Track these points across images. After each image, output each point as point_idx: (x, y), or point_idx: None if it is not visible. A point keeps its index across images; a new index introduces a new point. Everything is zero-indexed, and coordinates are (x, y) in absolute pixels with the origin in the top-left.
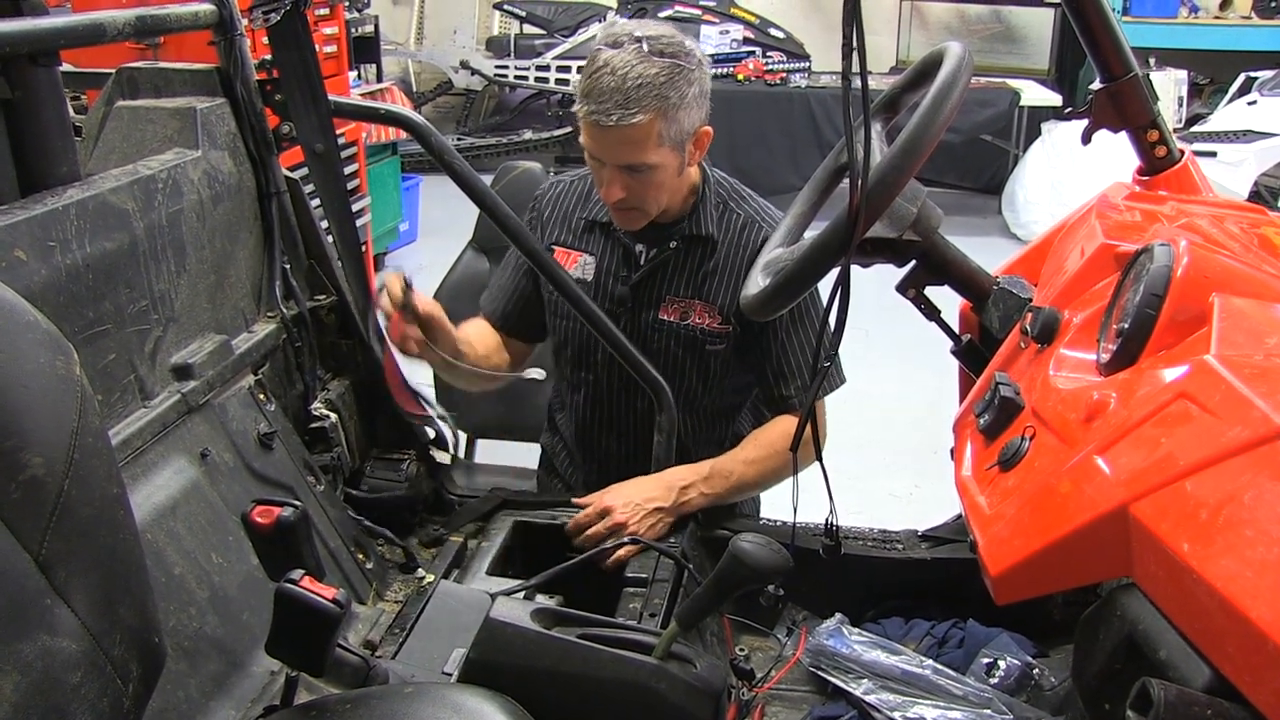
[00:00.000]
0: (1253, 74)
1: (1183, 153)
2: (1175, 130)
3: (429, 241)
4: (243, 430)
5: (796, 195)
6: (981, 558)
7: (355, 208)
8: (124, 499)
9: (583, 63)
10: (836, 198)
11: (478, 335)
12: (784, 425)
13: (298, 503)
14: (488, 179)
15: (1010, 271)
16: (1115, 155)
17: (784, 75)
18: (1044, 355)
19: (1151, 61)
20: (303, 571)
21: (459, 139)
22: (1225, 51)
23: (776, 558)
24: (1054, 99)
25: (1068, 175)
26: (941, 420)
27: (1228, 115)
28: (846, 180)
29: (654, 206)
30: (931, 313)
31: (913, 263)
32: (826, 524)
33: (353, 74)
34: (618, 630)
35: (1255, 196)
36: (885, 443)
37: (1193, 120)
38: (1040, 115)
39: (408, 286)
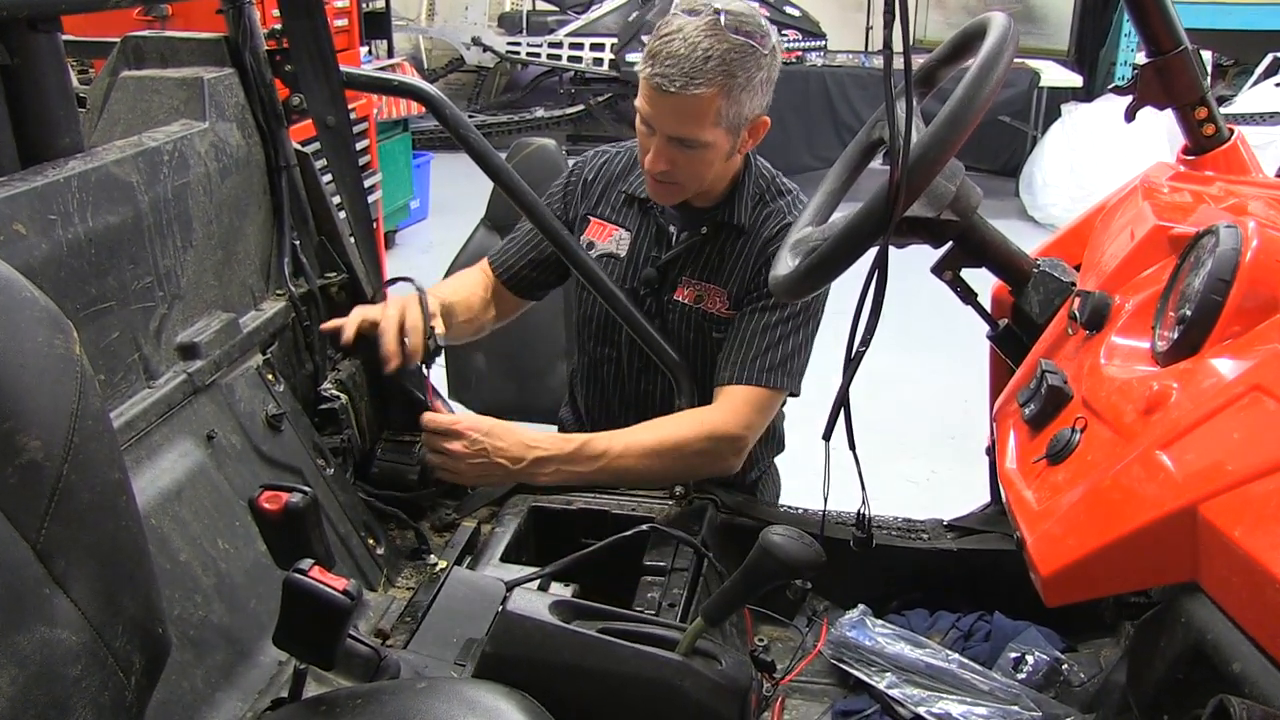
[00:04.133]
0: (1277, 54)
1: (1232, 131)
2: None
3: (440, 219)
4: (250, 412)
5: (826, 172)
6: (1029, 556)
7: (366, 184)
8: (126, 484)
9: (596, 39)
10: (867, 176)
11: (459, 293)
12: (687, 420)
13: (307, 488)
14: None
15: (1047, 254)
16: (1137, 137)
17: (799, 54)
18: (1093, 342)
19: None
20: (312, 561)
21: (470, 116)
22: (1252, 31)
23: (808, 551)
24: (1074, 80)
25: (1087, 158)
26: (956, 405)
27: (1254, 97)
28: (881, 157)
29: (694, 185)
30: (968, 296)
31: (949, 244)
32: (858, 515)
33: (363, 49)
34: (640, 625)
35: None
36: (900, 427)
37: (1218, 102)
38: (1060, 96)
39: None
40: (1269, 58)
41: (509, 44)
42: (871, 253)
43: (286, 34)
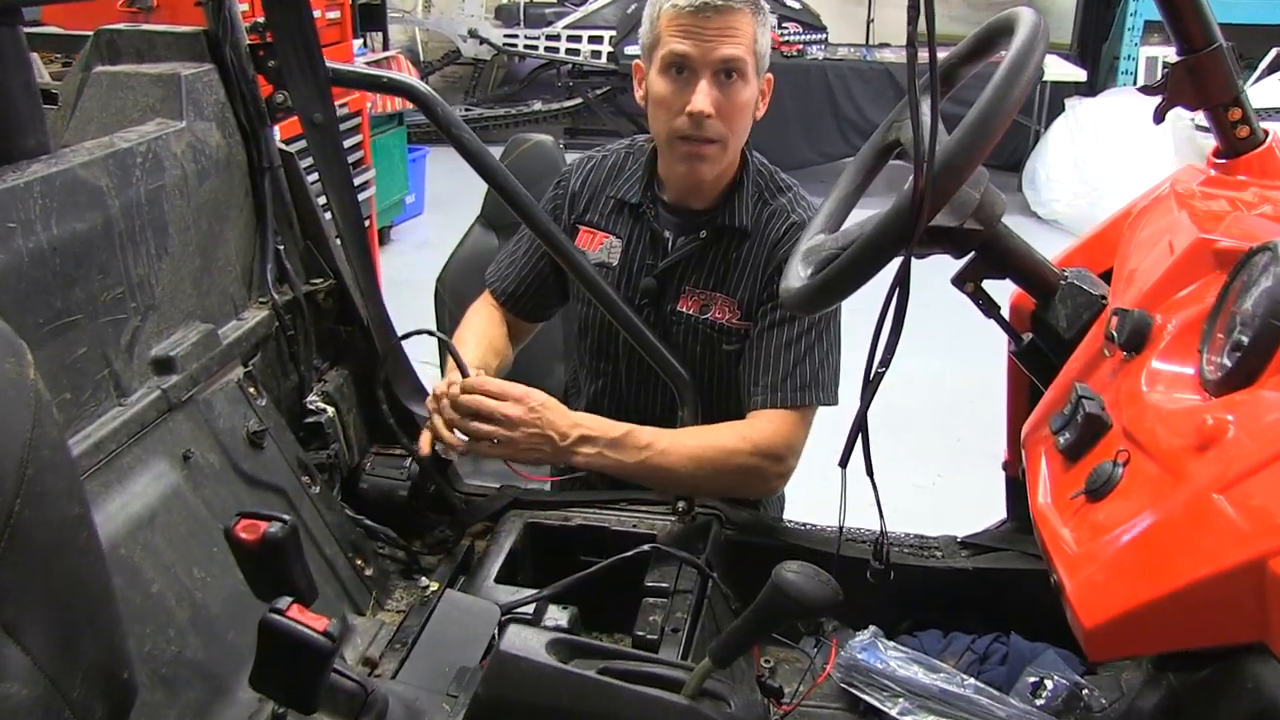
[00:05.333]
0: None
1: (1267, 133)
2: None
3: (436, 215)
4: (230, 428)
5: (826, 167)
6: (1070, 604)
7: (358, 181)
8: (88, 520)
9: (594, 32)
10: (881, 180)
11: (485, 336)
12: (730, 432)
13: (286, 516)
14: (497, 151)
15: (1066, 262)
16: (1141, 132)
17: (800, 47)
18: (1133, 365)
19: None
20: (290, 599)
21: (466, 109)
22: (1256, 25)
23: (825, 590)
24: (1078, 74)
25: (1091, 153)
26: (960, 408)
27: (1259, 92)
28: (897, 159)
29: (734, 142)
30: (991, 309)
31: (971, 254)
32: (876, 545)
33: (358, 42)
34: (643, 664)
35: None
36: (904, 432)
37: None
38: (1063, 91)
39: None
40: (1274, 52)
41: (506, 36)
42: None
43: (270, 27)
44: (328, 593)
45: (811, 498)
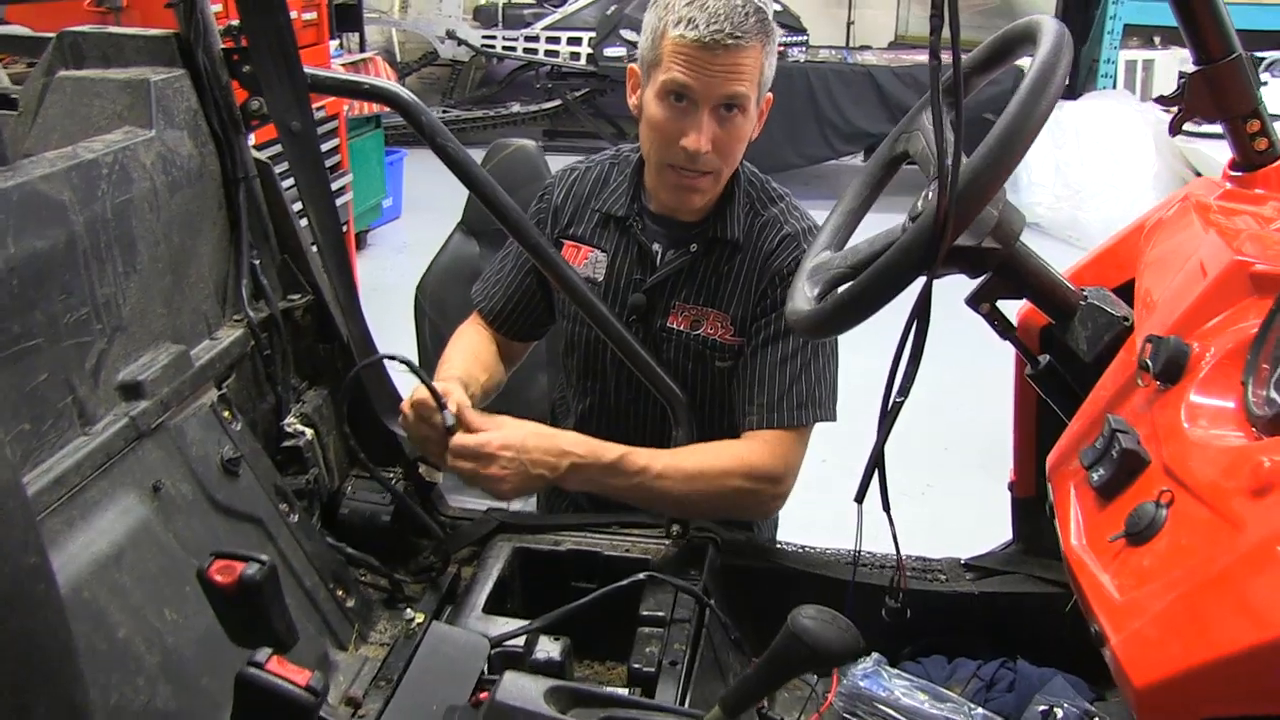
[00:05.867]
0: (1259, 54)
1: None
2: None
3: (413, 218)
4: (204, 456)
5: (808, 170)
6: (1116, 658)
7: (336, 186)
8: (45, 569)
9: (573, 33)
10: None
11: (471, 351)
12: (727, 452)
13: (263, 556)
14: (478, 155)
15: (1077, 278)
16: (1122, 136)
17: (781, 49)
18: (1169, 397)
19: (1157, 40)
20: (269, 650)
21: (444, 111)
22: (1243, 31)
23: (845, 638)
24: None
25: (1073, 156)
26: (948, 415)
27: None
28: (906, 168)
29: (728, 171)
30: (1007, 330)
31: (987, 274)
32: (892, 581)
33: (334, 43)
34: (648, 712)
35: None
36: (892, 440)
37: None
38: None
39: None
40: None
41: (484, 37)
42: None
43: (245, 31)
44: (308, 628)
45: (801, 508)
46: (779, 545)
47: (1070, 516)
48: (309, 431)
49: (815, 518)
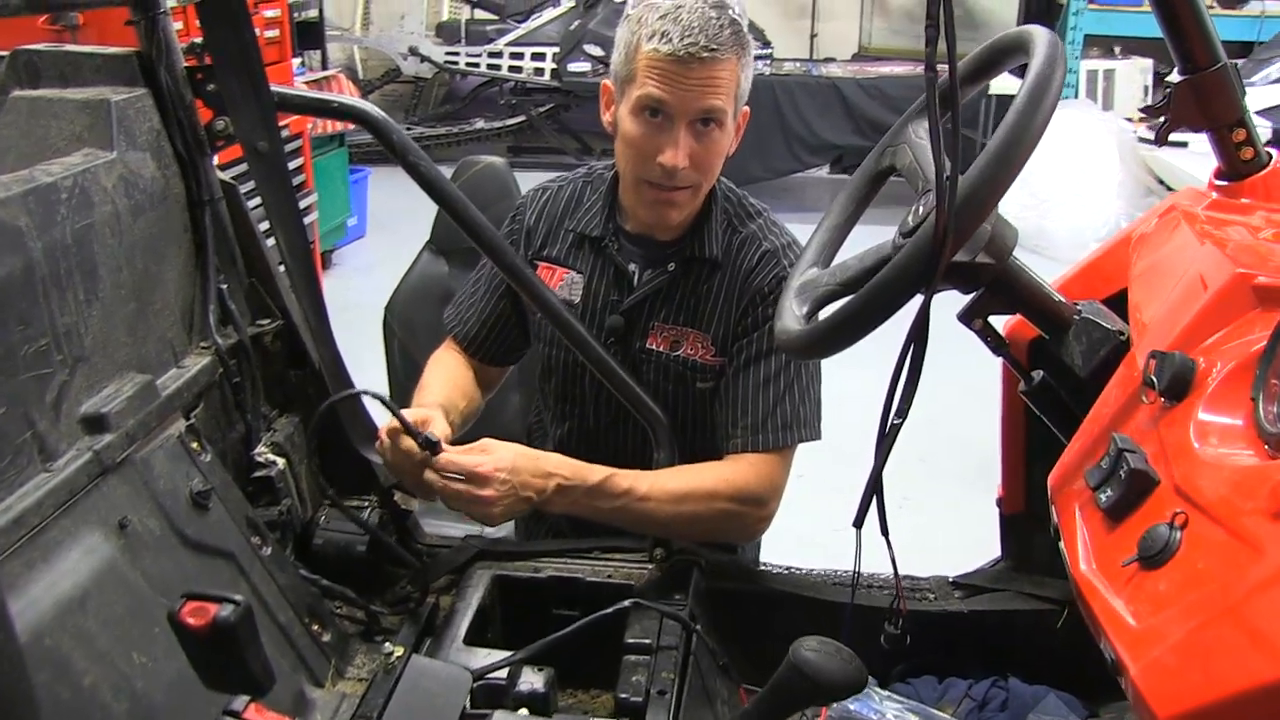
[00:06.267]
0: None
1: (1271, 155)
2: (1141, 120)
3: (379, 237)
4: (172, 489)
5: (774, 183)
6: (1136, 688)
7: (301, 205)
8: (3, 617)
9: (536, 49)
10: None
11: (450, 377)
12: (711, 473)
13: (237, 597)
14: (445, 174)
15: (1064, 290)
16: (1085, 145)
17: None
18: (1176, 414)
19: (1117, 50)
20: (247, 699)
21: (408, 128)
22: None
23: (848, 670)
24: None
25: (1037, 165)
26: (921, 426)
27: None
28: (892, 182)
29: (706, 185)
30: (1000, 346)
31: (980, 289)
32: (892, 606)
33: (296, 60)
34: None
35: None
36: (865, 451)
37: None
38: (1007, 104)
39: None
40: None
41: (447, 54)
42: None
43: (208, 48)
44: (283, 665)
45: (784, 527)
46: (764, 567)
47: (1078, 539)
48: (280, 461)
49: (797, 530)
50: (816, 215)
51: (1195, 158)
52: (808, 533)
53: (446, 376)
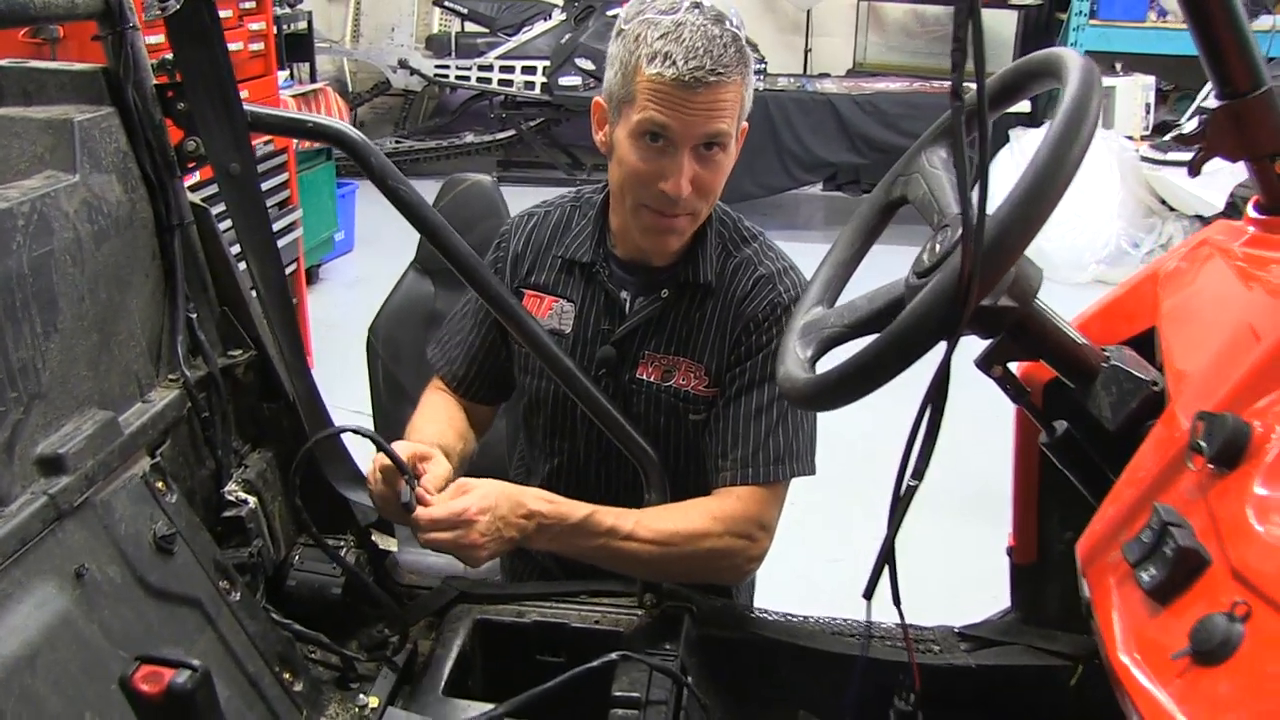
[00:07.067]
0: None
1: None
2: (1143, 138)
3: (366, 250)
4: (134, 534)
5: (767, 200)
6: None
7: (286, 221)
8: None
9: (527, 62)
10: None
11: (449, 425)
12: (699, 511)
13: (195, 663)
14: (431, 185)
15: (1084, 329)
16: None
17: None
18: (1228, 484)
19: (1118, 66)
20: None
21: (397, 142)
22: (1193, 57)
23: None
24: (1021, 105)
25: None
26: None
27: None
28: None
29: (707, 210)
30: (1020, 394)
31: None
32: (902, 680)
33: (284, 73)
34: None
35: (1230, 208)
36: (861, 478)
37: (1160, 127)
38: (1006, 122)
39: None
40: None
41: (437, 67)
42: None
43: (179, 65)
44: (252, 718)
45: (780, 566)
46: (759, 613)
47: (1114, 621)
48: (252, 500)
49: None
50: (808, 233)
51: (1200, 177)
52: (802, 566)
53: (440, 418)
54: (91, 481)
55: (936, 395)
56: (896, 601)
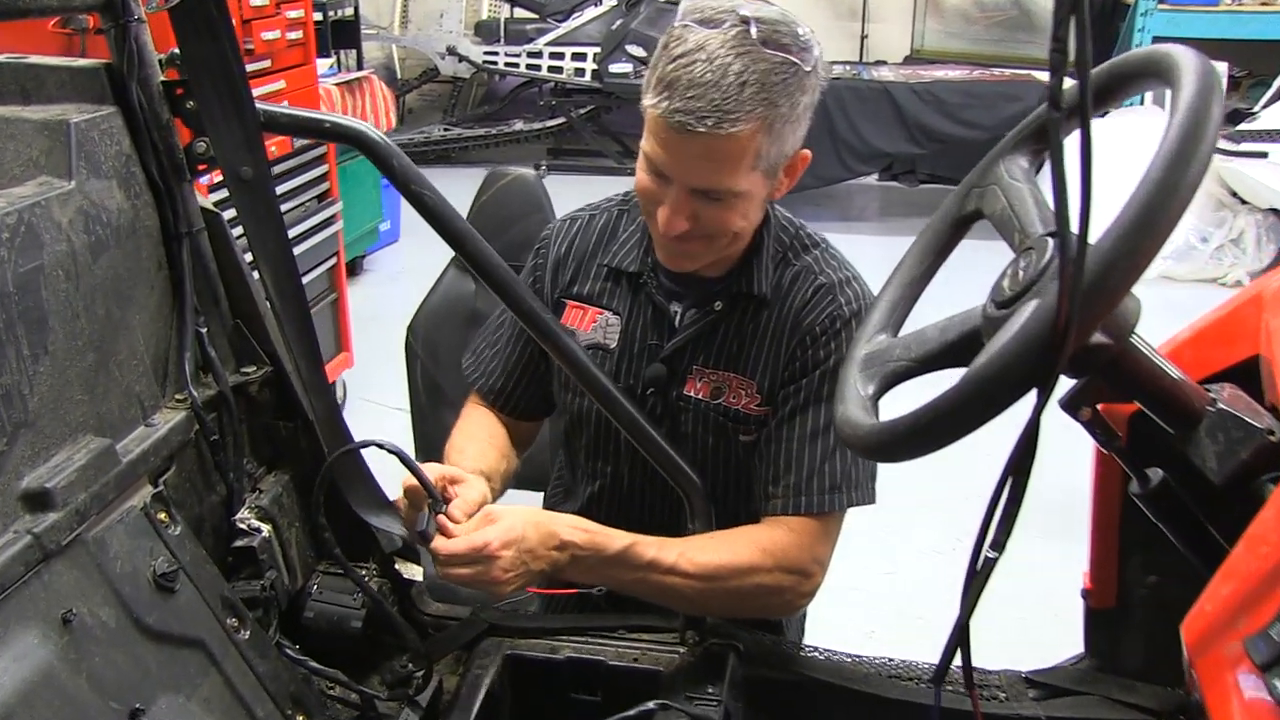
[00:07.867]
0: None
1: None
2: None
3: (412, 240)
4: (131, 572)
5: (820, 192)
6: None
7: (326, 214)
8: None
9: (577, 49)
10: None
11: (491, 443)
12: (747, 543)
13: None
14: (477, 174)
15: (1174, 357)
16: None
17: None
18: None
19: None
20: None
21: (446, 129)
22: (1270, 41)
23: None
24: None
25: (1101, 178)
26: (973, 460)
27: (1274, 114)
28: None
29: (725, 242)
30: (1111, 439)
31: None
32: None
33: (329, 61)
34: None
35: None
36: (912, 489)
37: (1233, 116)
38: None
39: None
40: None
41: (486, 53)
42: None
43: (185, 60)
44: None
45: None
46: (808, 651)
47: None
48: (266, 527)
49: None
50: (862, 224)
51: (1276, 170)
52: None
53: (480, 435)
54: (83, 517)
55: (1023, 458)
56: (969, 687)
